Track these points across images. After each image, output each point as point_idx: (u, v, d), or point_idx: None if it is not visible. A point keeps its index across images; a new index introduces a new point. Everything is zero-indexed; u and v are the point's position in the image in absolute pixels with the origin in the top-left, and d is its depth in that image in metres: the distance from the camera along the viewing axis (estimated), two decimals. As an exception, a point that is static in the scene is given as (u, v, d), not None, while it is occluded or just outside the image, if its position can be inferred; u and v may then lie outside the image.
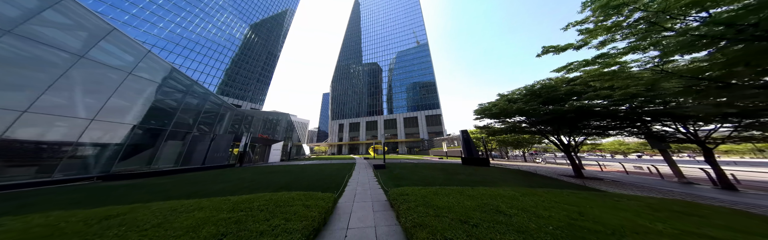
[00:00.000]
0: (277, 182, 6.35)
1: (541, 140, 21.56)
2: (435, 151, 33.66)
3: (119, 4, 36.75)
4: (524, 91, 9.39)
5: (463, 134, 14.35)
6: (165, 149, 11.02)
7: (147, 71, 9.85)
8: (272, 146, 21.21)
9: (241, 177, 7.59)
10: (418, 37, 58.73)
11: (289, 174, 8.35)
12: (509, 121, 10.81)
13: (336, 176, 7.38)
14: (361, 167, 11.76)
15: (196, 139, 13.07)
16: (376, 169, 10.03)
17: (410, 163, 14.54)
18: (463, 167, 11.36)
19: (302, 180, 6.74)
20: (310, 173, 8.50)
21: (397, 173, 8.39)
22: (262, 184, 6.05)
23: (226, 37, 52.75)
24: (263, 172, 9.38)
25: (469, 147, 13.65)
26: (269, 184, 6.08)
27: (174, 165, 11.50)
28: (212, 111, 14.19)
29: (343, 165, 13.30)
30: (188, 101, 12.32)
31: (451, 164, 13.70)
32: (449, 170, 9.67)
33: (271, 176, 7.72)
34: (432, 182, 6.11)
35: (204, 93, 13.36)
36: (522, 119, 10.00)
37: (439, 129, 45.94)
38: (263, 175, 8.24)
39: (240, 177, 7.61)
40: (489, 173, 8.77)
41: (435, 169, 9.97)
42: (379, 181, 6.54)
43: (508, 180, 6.84)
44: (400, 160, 19.37)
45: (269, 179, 6.94)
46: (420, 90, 51.65)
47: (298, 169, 10.31)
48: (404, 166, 11.76)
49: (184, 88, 11.88)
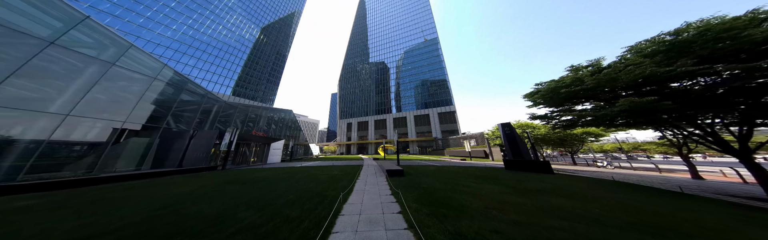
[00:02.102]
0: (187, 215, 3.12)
1: (593, 137, 16.88)
2: (452, 151, 29.64)
3: (134, 7, 36.69)
4: (654, 46, 5.33)
5: (504, 129, 10.57)
6: (121, 148, 8.48)
7: (83, 42, 7.27)
8: (272, 145, 18.59)
9: (150, 196, 4.55)
10: (428, 32, 54.80)
11: (250, 189, 5.20)
12: (600, 103, 6.71)
13: (322, 198, 4.03)
14: (368, 173, 8.47)
15: (170, 136, 10.52)
16: (392, 178, 6.70)
17: (432, 167, 11.04)
18: (517, 175, 7.69)
19: (250, 208, 3.34)
20: (285, 187, 5.29)
21: (427, 188, 4.99)
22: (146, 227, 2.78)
23: (235, 39, 52.33)
24: (223, 180, 6.37)
25: (516, 146, 9.89)
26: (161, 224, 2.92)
27: (136, 168, 8.94)
28: (191, 103, 11.66)
29: (347, 169, 10.08)
30: (156, 89, 9.78)
31: (490, 169, 10.00)
32: (506, 180, 6.13)
33: (208, 196, 4.48)
34: (532, 220, 2.64)
35: (180, 80, 10.81)
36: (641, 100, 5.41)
37: (453, 127, 41.67)
38: (196, 193, 5.12)
39: (148, 195, 4.57)
40: (593, 191, 5.04)
41: (482, 180, 6.46)
42: (407, 217, 2.92)
43: (682, 217, 3.17)
44: (416, 162, 15.87)
45: (188, 209, 3.35)
46: (430, 86, 47.69)
47: (280, 177, 7.23)
48: (429, 172, 8.28)
49: (150, 72, 9.33)
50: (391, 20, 65.90)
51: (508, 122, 10.68)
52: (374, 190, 4.75)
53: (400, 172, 7.23)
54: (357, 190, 4.76)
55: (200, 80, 42.49)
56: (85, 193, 4.62)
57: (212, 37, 46.63)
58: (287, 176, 7.20)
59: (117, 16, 33.36)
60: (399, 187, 5.02)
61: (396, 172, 7.22)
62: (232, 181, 6.11)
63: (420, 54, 53.36)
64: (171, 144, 10.62)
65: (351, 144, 53.99)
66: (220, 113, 13.72)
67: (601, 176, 8.18)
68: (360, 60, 66.94)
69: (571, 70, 7.22)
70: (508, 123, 10.64)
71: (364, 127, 53.97)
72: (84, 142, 7.47)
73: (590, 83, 5.68)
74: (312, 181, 6.06)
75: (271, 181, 6.06)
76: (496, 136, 22.00)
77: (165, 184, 5.65)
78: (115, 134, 7.96)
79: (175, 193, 4.40)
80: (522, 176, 7.20)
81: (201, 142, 11.38)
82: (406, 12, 64.03)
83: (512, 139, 10.16)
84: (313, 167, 11.34)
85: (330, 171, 9.05)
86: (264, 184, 5.47)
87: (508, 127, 10.53)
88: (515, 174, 7.99)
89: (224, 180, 6.43)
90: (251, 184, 5.53)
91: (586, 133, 16.05)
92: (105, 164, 7.68)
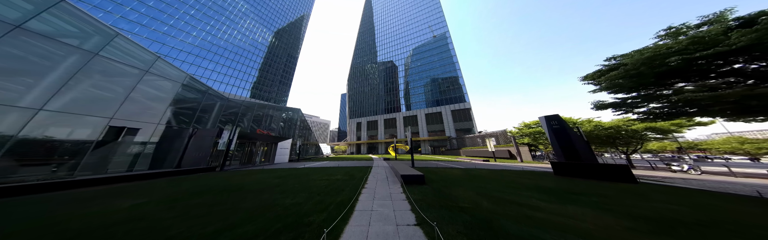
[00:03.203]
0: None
1: (659, 134, 13.16)
2: (469, 151, 26.94)
3: (159, 16, 38.65)
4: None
5: (550, 123, 8.23)
6: (112, 148, 7.66)
7: (59, 28, 6.43)
8: (279, 145, 17.68)
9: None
10: (437, 27, 51.94)
11: (205, 209, 3.70)
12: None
13: (297, 233, 2.35)
14: (378, 177, 6.75)
15: (169, 135, 9.71)
16: (409, 186, 4.92)
17: (455, 170, 9.03)
18: (588, 185, 5.49)
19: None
20: (260, 203, 3.71)
21: (472, 210, 3.19)
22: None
23: (250, 42, 53.84)
24: (194, 190, 5.03)
25: (570, 145, 7.56)
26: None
27: (128, 169, 8.12)
28: (191, 99, 10.85)
29: (353, 172, 8.46)
30: (149, 84, 8.97)
31: (534, 174, 7.78)
32: (586, 195, 4.09)
33: (116, 228, 3.07)
34: None
35: (176, 75, 9.99)
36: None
37: (468, 125, 38.60)
38: (115, 217, 3.73)
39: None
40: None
41: (545, 193, 4.49)
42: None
43: None
44: (432, 163, 13.86)
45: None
46: (441, 83, 44.91)
47: (269, 183, 5.80)
48: (456, 178, 6.35)
49: (141, 64, 8.51)
50: (399, 18, 63.90)
51: (554, 115, 8.31)
52: (386, 214, 3.00)
53: (419, 179, 5.40)
54: (360, 212, 3.04)
55: (220, 83, 44.01)
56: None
57: (229, 42, 48.27)
58: (278, 182, 5.72)
59: (144, 25, 35.35)
60: (425, 205, 3.23)
61: (414, 178, 5.41)
62: (205, 190, 4.73)
63: (429, 50, 50.75)
64: (170, 143, 9.82)
65: (361, 143, 52.87)
66: (224, 111, 12.93)
67: (723, 188, 5.51)
68: (368, 59, 65.81)
69: (668, 34, 4.86)
70: (555, 115, 8.27)
71: (374, 127, 52.57)
72: (66, 140, 6.68)
73: (742, 41, 3.38)
74: (303, 191, 4.48)
75: (252, 191, 4.58)
76: (522, 134, 19.07)
77: (107, 196, 4.39)
78: (103, 132, 7.13)
79: (87, 213, 3.01)
80: (599, 187, 5.00)
81: (201, 141, 10.50)
82: (413, 8, 61.65)
83: (563, 135, 7.80)
84: (317, 169, 9.90)
85: (333, 174, 7.47)
86: (236, 197, 3.97)
87: (555, 120, 8.17)
88: (580, 183, 5.78)
89: (197, 188, 5.09)
90: (219, 197, 4.07)
91: (650, 128, 12.61)
92: (92, 165, 6.86)
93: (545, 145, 20.17)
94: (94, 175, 6.56)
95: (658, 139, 13.56)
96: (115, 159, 7.96)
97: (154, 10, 37.43)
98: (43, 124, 5.98)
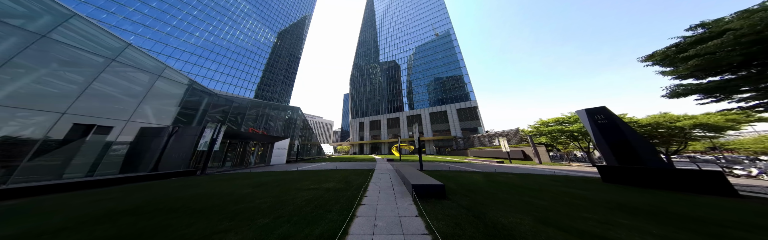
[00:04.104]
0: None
1: (711, 132, 10.87)
2: (477, 152, 25.12)
3: (162, 16, 38.32)
4: None
5: (594, 117, 6.53)
6: (72, 149, 6.43)
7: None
8: (276, 145, 16.41)
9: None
10: (440, 25, 50.22)
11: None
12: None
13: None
14: (382, 184, 5.24)
15: (145, 134, 8.47)
16: (425, 203, 3.39)
17: (475, 175, 7.43)
18: (663, 199, 3.86)
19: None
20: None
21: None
22: None
23: (253, 43, 53.39)
24: (123, 208, 3.64)
25: (626, 144, 5.85)
26: None
27: (89, 174, 6.88)
28: (172, 94, 9.61)
29: (351, 178, 6.99)
30: (120, 75, 7.75)
31: (578, 181, 6.15)
32: (714, 222, 2.48)
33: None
34: None
35: (154, 66, 8.76)
36: None
37: (474, 124, 36.68)
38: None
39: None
40: None
41: (634, 215, 2.87)
42: None
43: None
44: (441, 166, 12.27)
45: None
46: (446, 81, 43.13)
47: (235, 197, 4.38)
48: (486, 189, 4.81)
49: (107, 51, 7.29)
50: (401, 15, 62.50)
51: (600, 107, 6.59)
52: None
53: (438, 191, 3.87)
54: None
55: (223, 84, 43.49)
56: None
57: (231, 42, 47.80)
58: (248, 193, 4.28)
59: (148, 25, 35.01)
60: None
61: (431, 189, 3.88)
62: (131, 209, 3.30)
63: (433, 47, 49.09)
64: (147, 143, 8.58)
65: (364, 143, 51.49)
66: (212, 109, 11.70)
67: None
68: (370, 58, 64.58)
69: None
70: (601, 108, 6.56)
71: (377, 126, 51.14)
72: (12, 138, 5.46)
73: None
74: (271, 211, 3.02)
75: (194, 211, 3.13)
76: (538, 134, 17.19)
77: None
78: (50, 130, 5.89)
79: None
80: (702, 205, 3.36)
81: (182, 140, 9.24)
82: (415, 5, 60.13)
83: (614, 132, 6.09)
84: (311, 173, 8.46)
85: (326, 180, 6.00)
86: (153, 227, 2.52)
87: (602, 114, 6.46)
88: (659, 196, 4.12)
89: (125, 204, 3.69)
90: (125, 228, 2.63)
91: (699, 125, 10.49)
92: (39, 169, 5.63)
93: (565, 145, 18.23)
94: (28, 182, 5.26)
95: (708, 138, 11.50)
96: (77, 161, 6.74)
97: (157, 11, 37.09)
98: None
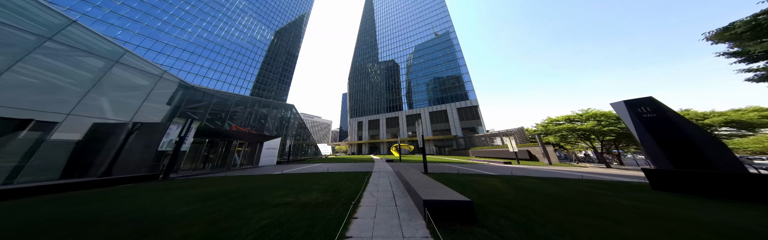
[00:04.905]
0: None
1: (744, 130, 9.59)
2: (479, 151, 23.90)
3: (152, 11, 36.55)
4: None
5: (638, 110, 5.24)
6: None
7: None
8: (266, 145, 14.95)
9: None
10: (440, 23, 49.13)
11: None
12: None
13: None
14: (380, 197, 3.90)
15: (96, 131, 7.00)
16: (448, 234, 2.00)
17: (493, 179, 6.12)
18: (760, 218, 2.49)
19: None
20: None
21: None
22: None
23: (248, 40, 51.72)
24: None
25: (687, 141, 4.58)
26: None
27: (8, 180, 5.40)
28: (131, 85, 8.14)
29: (342, 184, 5.64)
30: (63, 60, 6.29)
31: (620, 187, 4.89)
32: None
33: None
34: None
35: (109, 50, 7.28)
36: None
37: (475, 124, 35.54)
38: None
39: None
40: None
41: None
42: None
43: None
44: (445, 167, 10.97)
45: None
46: (446, 80, 42.00)
47: (150, 219, 2.90)
48: (524, 205, 3.51)
49: (42, 29, 5.84)
50: (400, 14, 61.37)
51: (645, 97, 5.33)
52: None
53: (464, 211, 2.53)
54: None
55: (217, 82, 41.76)
56: None
57: (226, 39, 46.07)
58: (181, 213, 2.90)
59: (136, 20, 33.21)
60: None
61: (453, 208, 2.54)
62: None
63: (433, 45, 48.00)
64: (99, 142, 7.11)
65: (362, 143, 50.08)
66: (188, 105, 10.21)
67: None
68: (369, 57, 63.28)
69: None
70: (646, 99, 5.27)
71: (376, 126, 49.79)
72: None
73: None
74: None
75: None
76: (547, 132, 15.98)
77: None
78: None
79: None
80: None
81: (144, 139, 7.78)
82: (415, 4, 59.04)
83: (668, 127, 4.81)
84: (297, 177, 7.07)
85: (309, 189, 4.63)
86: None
87: (647, 105, 5.18)
88: (753, 212, 2.83)
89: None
90: None
91: (730, 122, 9.27)
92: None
93: (573, 144, 17.07)
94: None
95: (737, 136, 10.43)
96: (3, 163, 5.28)
97: (147, 5, 35.26)
98: None
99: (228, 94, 13.70)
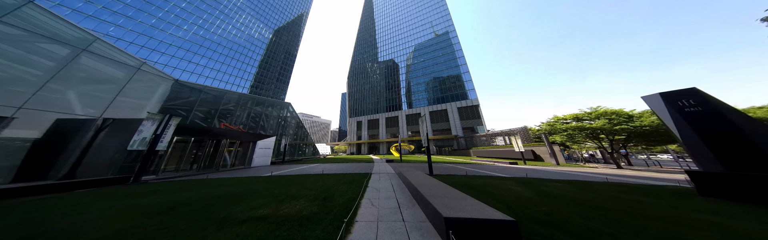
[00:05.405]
0: None
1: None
2: (480, 151, 23.19)
3: (146, 7, 35.49)
4: None
5: (678, 104, 4.49)
6: None
7: None
8: (259, 144, 14.10)
9: None
10: (440, 22, 48.54)
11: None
12: None
13: None
14: (381, 207, 3.12)
15: (59, 128, 6.14)
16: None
17: (509, 183, 5.36)
18: None
19: None
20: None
21: None
22: None
23: (246, 38, 50.76)
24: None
25: (737, 136, 3.83)
26: None
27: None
28: (105, 77, 7.27)
29: (337, 189, 4.84)
30: (21, 46, 5.44)
31: (657, 193, 4.16)
32: None
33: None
34: None
35: (77, 36, 6.42)
36: None
37: (476, 123, 34.86)
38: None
39: None
40: None
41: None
42: None
43: None
44: (450, 167, 10.21)
45: None
46: (446, 79, 41.34)
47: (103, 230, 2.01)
48: (588, 232, 2.62)
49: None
50: (400, 13, 60.76)
51: (688, 89, 4.59)
52: None
53: (508, 235, 1.72)
54: None
55: (213, 80, 40.75)
56: None
57: (223, 37, 45.08)
58: (122, 232, 2.07)
59: (130, 17, 32.17)
60: None
61: (488, 230, 1.75)
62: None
63: (433, 44, 47.38)
64: (63, 140, 6.26)
65: (361, 143, 49.24)
66: (171, 100, 9.35)
67: None
68: (368, 56, 62.56)
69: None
70: (689, 90, 4.51)
71: (375, 126, 49.00)
72: None
73: None
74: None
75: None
76: (552, 131, 15.29)
77: None
78: None
79: None
80: None
81: (118, 137, 6.92)
82: (415, 3, 58.46)
83: (717, 122, 4.08)
84: (286, 179, 6.25)
85: (294, 197, 3.83)
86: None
87: (690, 98, 4.44)
88: None
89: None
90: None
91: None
92: None
93: (581, 144, 16.39)
94: None
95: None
96: None
97: (140, 1, 34.22)
98: None
99: (217, 90, 12.84)
